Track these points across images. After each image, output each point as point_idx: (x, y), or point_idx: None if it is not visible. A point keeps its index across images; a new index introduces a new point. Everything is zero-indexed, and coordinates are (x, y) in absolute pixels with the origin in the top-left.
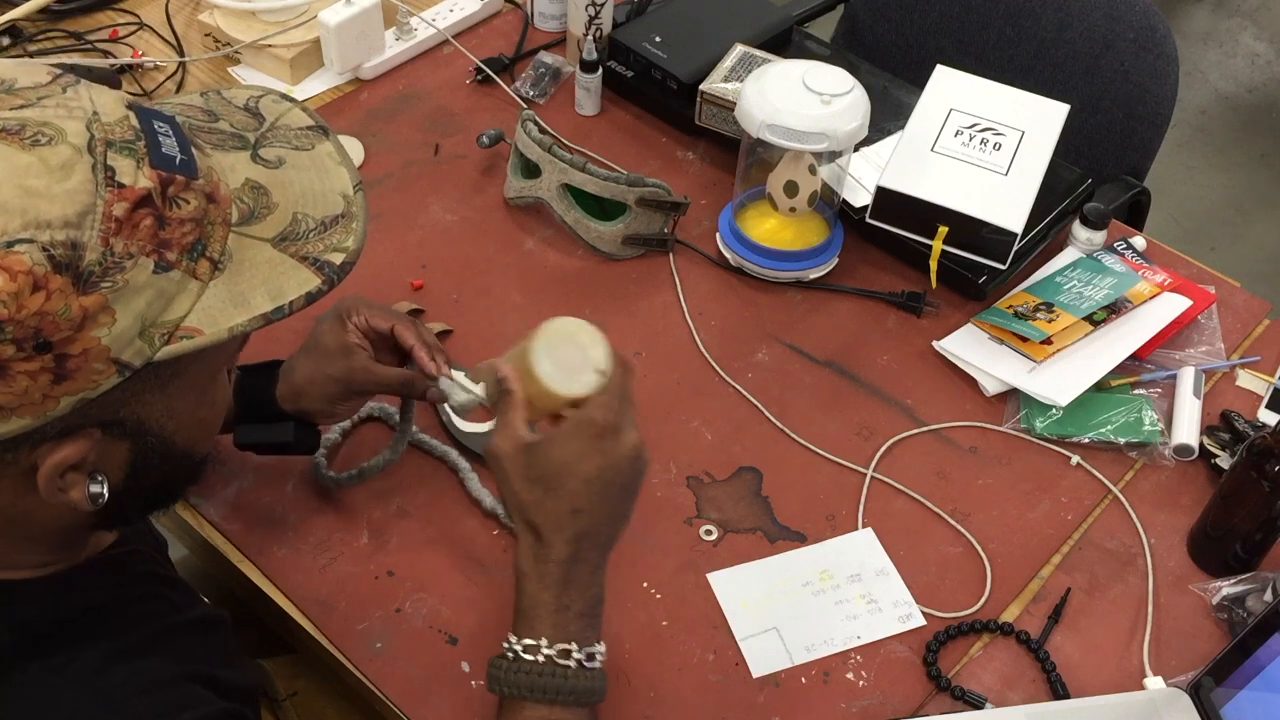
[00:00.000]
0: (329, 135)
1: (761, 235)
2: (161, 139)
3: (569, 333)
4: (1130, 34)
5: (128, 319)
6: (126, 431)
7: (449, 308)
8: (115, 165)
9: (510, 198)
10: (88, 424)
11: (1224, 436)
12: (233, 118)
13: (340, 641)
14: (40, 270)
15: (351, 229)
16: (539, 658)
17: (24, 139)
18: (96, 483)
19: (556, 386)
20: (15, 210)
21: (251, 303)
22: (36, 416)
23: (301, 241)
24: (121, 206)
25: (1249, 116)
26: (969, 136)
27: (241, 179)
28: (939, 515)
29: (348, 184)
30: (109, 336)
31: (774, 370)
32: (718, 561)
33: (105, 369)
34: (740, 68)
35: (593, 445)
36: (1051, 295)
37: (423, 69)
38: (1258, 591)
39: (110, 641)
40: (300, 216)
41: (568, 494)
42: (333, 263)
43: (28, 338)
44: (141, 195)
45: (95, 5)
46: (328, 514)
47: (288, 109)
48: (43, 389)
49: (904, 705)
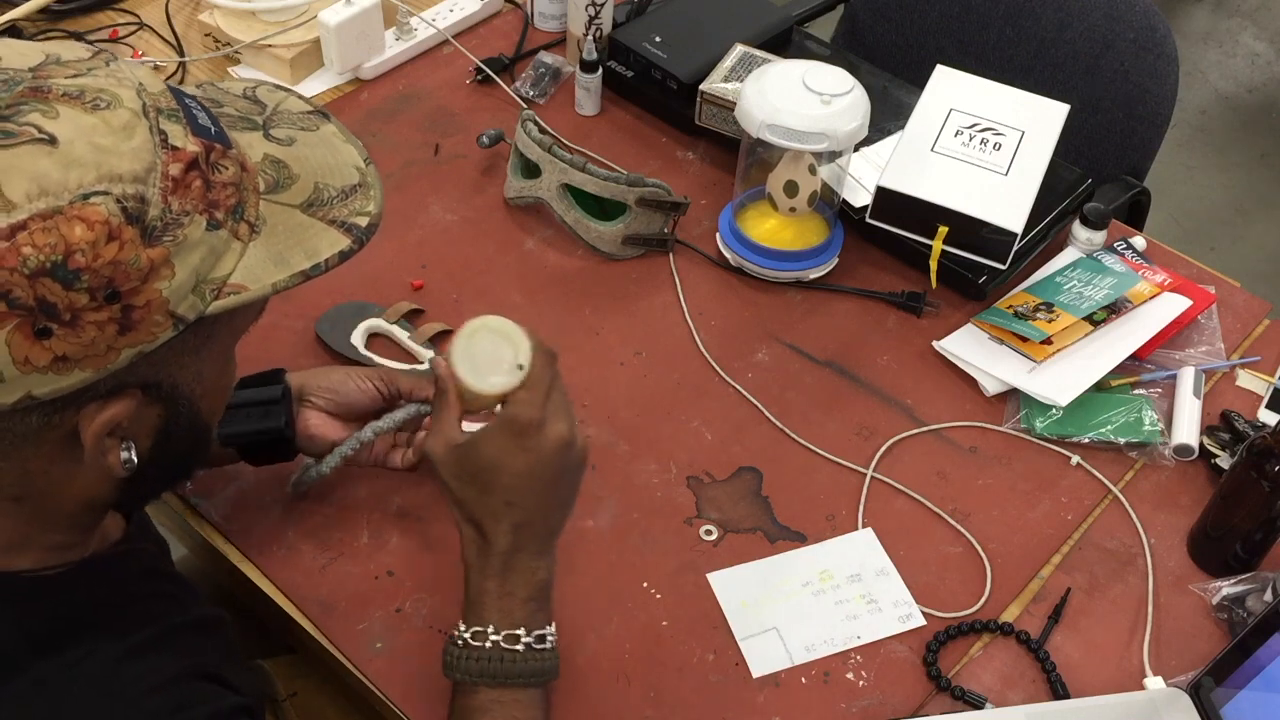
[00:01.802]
0: (330, 118)
1: (761, 235)
2: (195, 112)
3: (491, 329)
4: (1130, 34)
5: (185, 273)
6: (162, 394)
7: (449, 308)
8: (167, 129)
9: (510, 198)
10: (133, 383)
11: (1224, 436)
12: (236, 104)
13: (340, 641)
14: (115, 221)
15: (371, 195)
16: (486, 644)
17: (85, 102)
18: (128, 449)
19: (475, 385)
20: (90, 164)
21: (290, 261)
22: (97, 369)
23: (327, 207)
24: (177, 167)
25: (1249, 116)
26: (969, 136)
27: (260, 154)
28: (939, 515)
29: (358, 158)
30: (169, 289)
31: (774, 370)
32: (718, 561)
33: (164, 321)
34: (740, 68)
35: (516, 442)
36: (1051, 295)
37: (423, 69)
38: (1258, 591)
39: (119, 640)
40: (321, 185)
41: (500, 488)
42: (359, 225)
43: (101, 286)
44: (191, 158)
45: (95, 5)
46: (328, 514)
47: (284, 97)
48: (108, 340)
49: (904, 705)
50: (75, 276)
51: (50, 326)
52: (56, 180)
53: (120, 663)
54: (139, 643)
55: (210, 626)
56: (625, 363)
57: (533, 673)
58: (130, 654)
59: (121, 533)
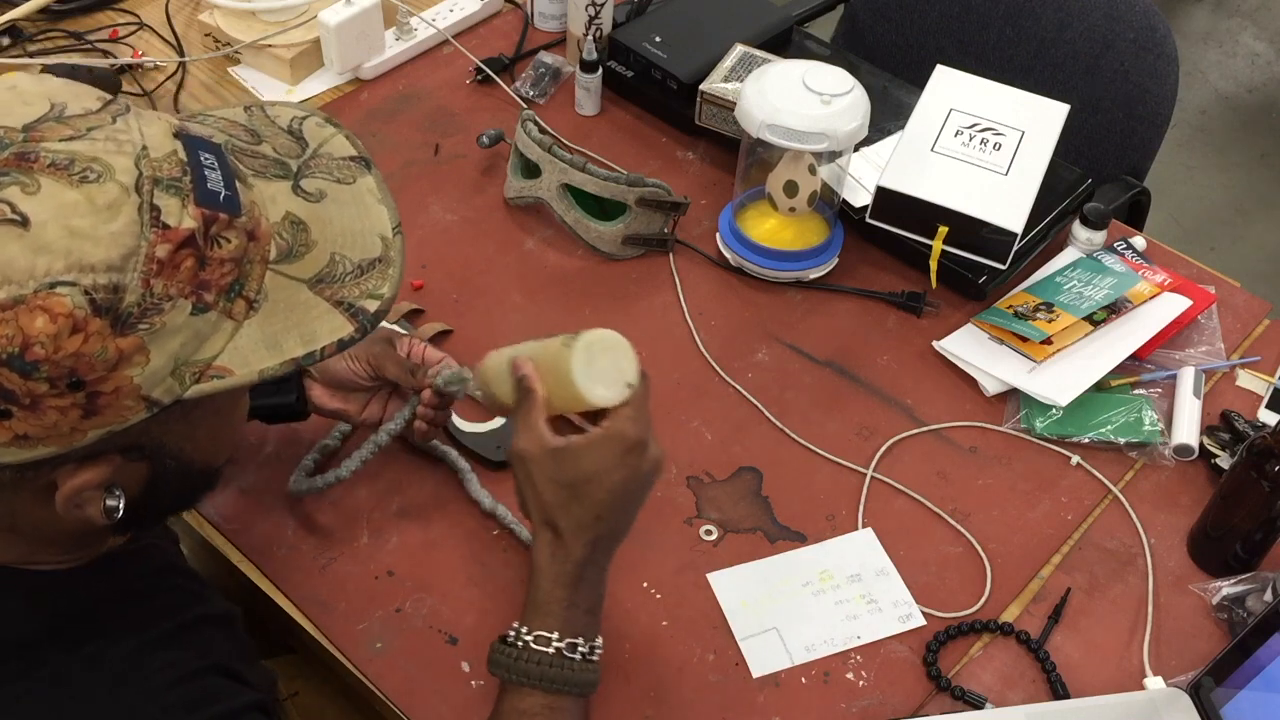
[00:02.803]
0: (370, 168)
1: (761, 235)
2: (207, 173)
3: (608, 344)
4: (1130, 34)
5: (161, 359)
6: (145, 455)
7: (449, 308)
8: (161, 205)
9: (510, 198)
10: (109, 450)
11: (1224, 436)
12: (275, 140)
13: (340, 641)
14: (80, 313)
15: (388, 275)
16: (549, 649)
17: (72, 174)
18: (114, 497)
19: (592, 396)
20: (60, 251)
21: (284, 346)
22: (63, 446)
23: (338, 285)
24: (165, 248)
25: (1249, 116)
26: (969, 136)
27: (282, 212)
28: (939, 515)
29: (387, 226)
30: (141, 375)
31: (774, 370)
32: (718, 561)
33: (135, 405)
34: (740, 68)
35: (621, 458)
36: (1051, 295)
37: (423, 69)
38: (1258, 591)
39: (137, 634)
40: (338, 258)
41: (593, 502)
42: (367, 310)
43: (61, 376)
44: (185, 237)
45: (95, 5)
46: (328, 514)
47: (331, 135)
48: (71, 423)
49: (904, 705)
50: (34, 367)
51: (9, 409)
52: (22, 267)
53: (138, 656)
54: (156, 637)
55: (224, 621)
56: None
57: (584, 683)
58: (148, 648)
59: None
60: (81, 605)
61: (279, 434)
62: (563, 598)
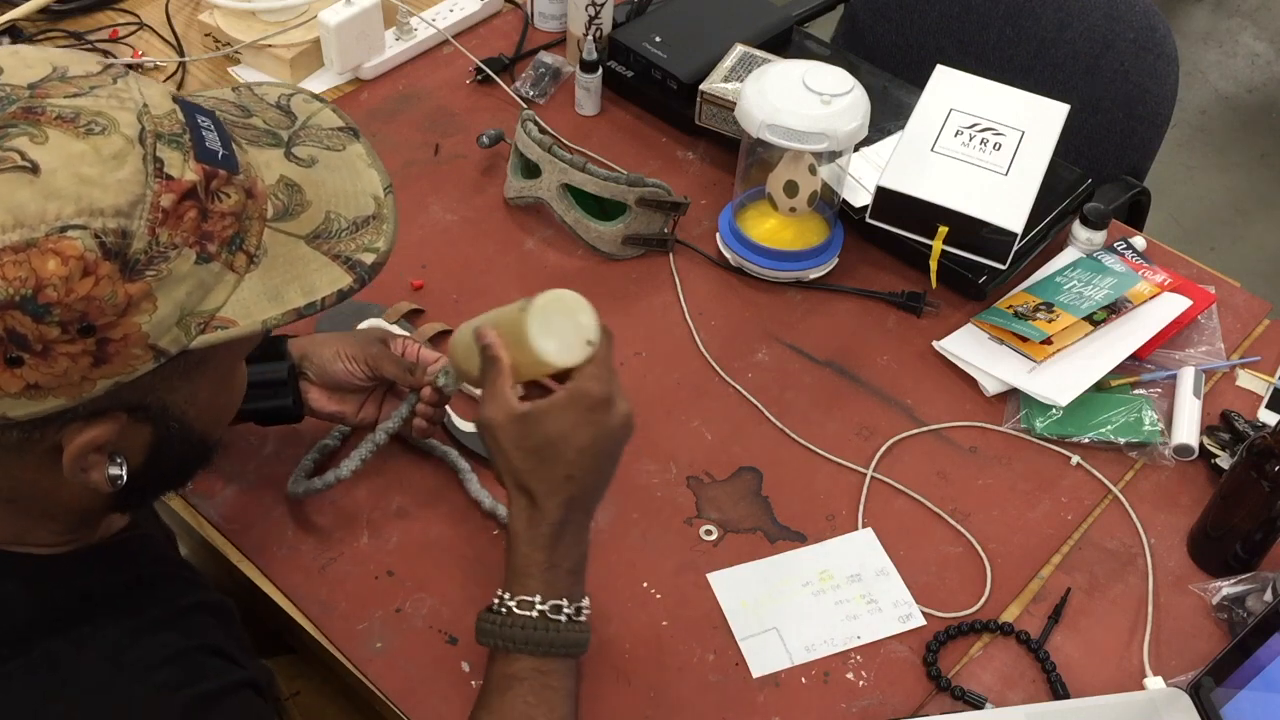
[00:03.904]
0: (359, 137)
1: (761, 235)
2: (205, 133)
3: (565, 304)
4: (1130, 34)
5: (168, 307)
6: (150, 415)
7: (449, 308)
8: (164, 157)
9: (510, 198)
10: (116, 407)
11: (1224, 436)
12: (265, 114)
13: (340, 641)
14: (91, 256)
15: (382, 230)
16: (532, 613)
17: (79, 127)
18: (116, 465)
19: (551, 358)
20: (70, 196)
21: (285, 297)
22: (72, 398)
23: (334, 240)
24: (169, 198)
25: (1249, 116)
26: (969, 136)
27: (276, 175)
28: (939, 515)
29: (378, 186)
30: (149, 323)
31: (774, 370)
32: (718, 561)
33: (143, 354)
34: (740, 68)
35: (587, 417)
36: (1051, 295)
37: (423, 69)
38: (1258, 591)
39: (129, 618)
40: (333, 215)
41: (563, 462)
42: (364, 262)
43: (73, 321)
44: (188, 188)
45: (95, 5)
46: (328, 514)
47: (319, 109)
48: (82, 371)
49: (904, 705)
50: (46, 310)
51: (21, 356)
52: (34, 212)
53: (129, 638)
54: (148, 621)
55: (218, 610)
56: (625, 363)
57: (573, 643)
58: (139, 631)
59: (127, 520)
60: (74, 590)
61: (279, 434)
62: (542, 560)
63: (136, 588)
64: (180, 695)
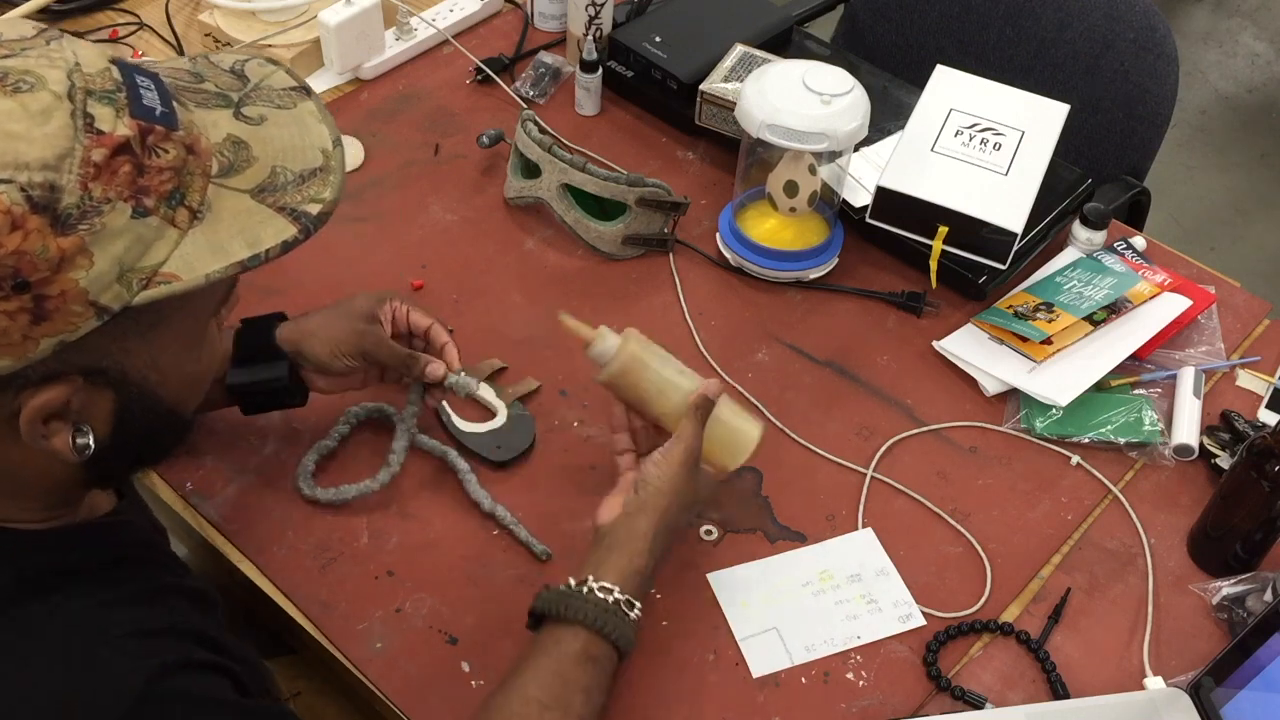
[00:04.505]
0: (311, 95)
1: (761, 235)
2: (143, 92)
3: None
4: (1130, 34)
5: (105, 262)
6: (109, 381)
7: (449, 308)
8: (95, 113)
9: (510, 198)
10: (70, 370)
11: (1224, 436)
12: (218, 79)
13: (340, 641)
14: (18, 210)
15: (329, 181)
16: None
17: (5, 86)
18: (82, 434)
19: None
20: None
21: (229, 250)
22: (17, 359)
23: (280, 193)
24: (100, 152)
25: (1249, 116)
26: (969, 136)
27: (223, 134)
28: (939, 515)
29: (327, 140)
30: (87, 279)
31: (774, 370)
32: (718, 561)
33: (83, 311)
34: (740, 68)
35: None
36: (1051, 295)
37: (423, 69)
38: (1258, 591)
39: (105, 591)
40: (279, 169)
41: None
42: (309, 213)
43: (6, 276)
44: (120, 143)
45: (95, 5)
46: (328, 514)
47: (272, 71)
48: (22, 329)
49: (904, 705)
50: None
51: None
52: None
53: (109, 609)
54: (124, 595)
55: (198, 597)
56: None
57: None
58: (113, 604)
59: (113, 505)
60: (52, 563)
61: (279, 434)
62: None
63: (115, 567)
64: (146, 664)
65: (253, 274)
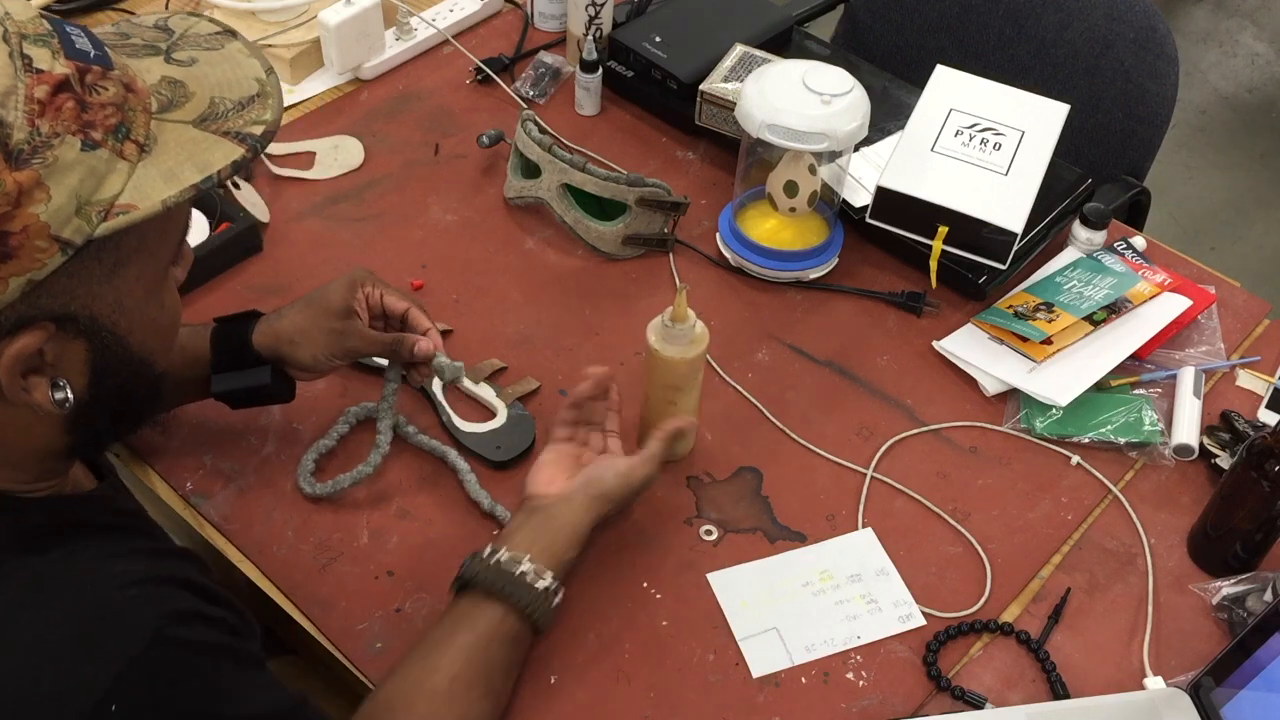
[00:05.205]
0: (237, 36)
1: (761, 235)
2: (74, 38)
3: None
4: (1130, 34)
5: (62, 196)
6: (80, 329)
7: (449, 308)
8: (32, 54)
9: (510, 198)
10: (40, 315)
11: (1224, 436)
12: (143, 34)
13: (340, 641)
14: None
15: (269, 104)
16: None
17: None
18: (59, 388)
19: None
20: None
21: (180, 176)
22: None
23: (222, 120)
24: (43, 89)
25: (1249, 116)
26: (969, 136)
27: (157, 77)
28: (939, 515)
29: (260, 70)
30: (46, 213)
31: (774, 370)
32: (718, 561)
33: (48, 247)
34: (740, 68)
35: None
36: (1051, 295)
37: (423, 69)
38: (1258, 591)
39: (105, 545)
40: (218, 100)
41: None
42: (254, 134)
43: None
44: (60, 79)
45: (95, 5)
46: (328, 514)
47: (195, 22)
48: None
49: (904, 705)
50: None
51: None
52: None
53: (107, 559)
54: (125, 550)
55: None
56: (625, 363)
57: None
58: (114, 555)
59: (94, 484)
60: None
61: (279, 434)
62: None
63: (108, 529)
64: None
65: (253, 274)
